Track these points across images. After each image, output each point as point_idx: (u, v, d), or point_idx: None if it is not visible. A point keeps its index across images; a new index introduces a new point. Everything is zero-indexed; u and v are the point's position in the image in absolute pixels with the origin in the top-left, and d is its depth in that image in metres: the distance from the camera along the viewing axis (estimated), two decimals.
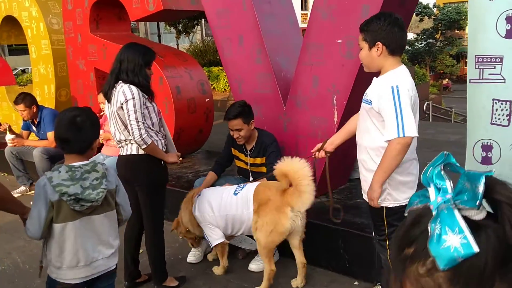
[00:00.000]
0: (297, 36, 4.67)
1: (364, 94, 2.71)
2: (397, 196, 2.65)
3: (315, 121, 4.01)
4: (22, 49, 24.51)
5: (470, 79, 3.18)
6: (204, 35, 32.99)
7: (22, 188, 6.00)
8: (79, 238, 2.28)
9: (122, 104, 3.06)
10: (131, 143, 3.19)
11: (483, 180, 0.72)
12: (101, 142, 5.30)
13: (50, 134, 5.74)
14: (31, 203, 5.31)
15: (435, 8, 31.70)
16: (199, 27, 29.32)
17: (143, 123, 3.09)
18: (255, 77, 4.35)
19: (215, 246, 3.59)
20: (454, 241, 0.70)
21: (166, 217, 3.63)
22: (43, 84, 6.82)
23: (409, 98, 2.43)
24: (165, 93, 5.15)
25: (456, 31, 33.21)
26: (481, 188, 0.71)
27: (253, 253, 3.87)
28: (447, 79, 31.53)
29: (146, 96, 3.17)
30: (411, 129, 2.38)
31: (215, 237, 3.55)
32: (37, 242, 4.49)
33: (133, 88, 3.07)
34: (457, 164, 0.81)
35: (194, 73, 5.53)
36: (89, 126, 2.32)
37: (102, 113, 5.33)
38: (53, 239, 2.28)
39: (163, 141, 3.32)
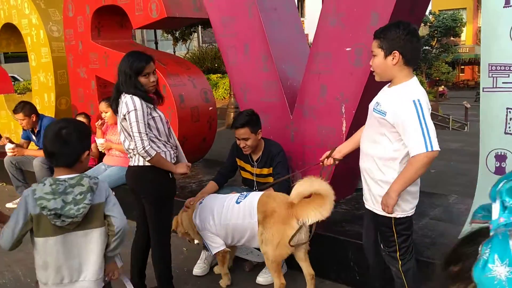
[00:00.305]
0: (303, 44, 4.62)
1: (375, 103, 2.65)
2: (405, 206, 2.63)
3: (323, 130, 3.95)
4: (18, 57, 24.45)
5: (483, 88, 3.14)
6: (201, 42, 33.01)
7: None
8: (62, 255, 2.21)
9: (125, 115, 3.01)
10: (138, 154, 3.12)
11: None
12: (102, 151, 5.22)
13: None
14: None
15: (431, 15, 31.84)
16: (196, 34, 29.35)
17: (147, 134, 3.01)
18: (261, 85, 4.29)
19: (216, 254, 3.52)
20: (500, 272, 0.64)
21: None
22: (43, 92, 6.74)
23: (428, 111, 2.42)
24: (168, 101, 5.07)
25: (452, 38, 33.38)
26: None
27: (261, 266, 3.79)
28: (443, 86, 31.62)
29: (152, 106, 3.10)
30: (437, 143, 2.37)
31: (215, 246, 3.47)
32: None
33: (136, 98, 2.99)
34: None
35: (197, 81, 5.47)
36: (76, 139, 2.23)
37: (98, 122, 5.26)
38: (38, 254, 2.23)
39: (172, 152, 3.23)
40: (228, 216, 3.37)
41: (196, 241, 3.80)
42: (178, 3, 5.07)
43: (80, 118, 5.52)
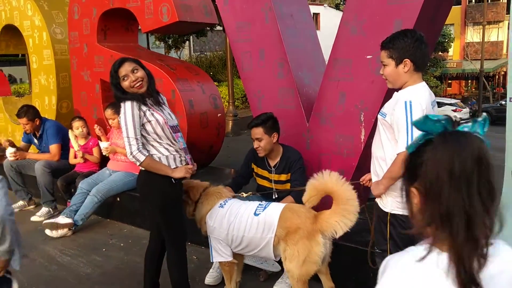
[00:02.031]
0: (317, 51, 4.57)
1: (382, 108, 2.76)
2: (401, 203, 2.59)
3: (340, 138, 3.89)
4: (6, 61, 24.05)
5: (510, 98, 3.12)
6: (192, 51, 32.95)
7: (21, 202, 5.75)
8: None
9: (119, 121, 3.01)
10: None
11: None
12: (107, 155, 5.10)
13: (53, 147, 5.53)
14: (31, 218, 5.05)
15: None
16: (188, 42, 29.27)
17: (136, 139, 2.93)
18: (276, 92, 4.23)
19: (221, 264, 3.41)
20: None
21: None
22: (44, 95, 6.59)
23: (421, 112, 2.45)
24: (177, 106, 4.99)
25: (440, 53, 33.79)
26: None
27: (276, 275, 3.70)
28: None
29: (149, 108, 3.00)
30: None
31: (221, 255, 3.33)
32: (41, 261, 4.29)
33: (127, 103, 2.94)
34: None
35: (206, 86, 5.39)
36: None
37: (96, 127, 5.15)
38: None
39: (177, 155, 3.13)
40: (246, 229, 3.22)
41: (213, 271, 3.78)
42: (189, 7, 5.00)
43: (76, 122, 5.41)
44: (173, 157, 3.09)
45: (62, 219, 4.80)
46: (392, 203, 2.72)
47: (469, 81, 38.47)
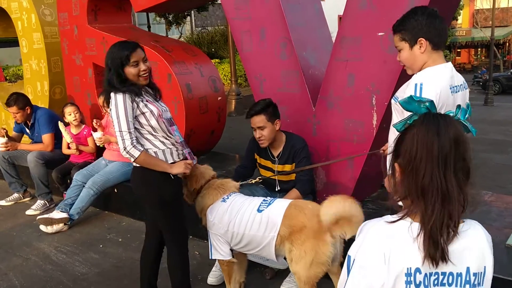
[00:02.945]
0: (323, 28, 4.22)
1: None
2: None
3: (349, 124, 3.58)
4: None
5: None
6: (194, 27, 32.32)
7: (15, 195, 5.51)
8: None
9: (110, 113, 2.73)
10: None
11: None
12: (101, 145, 4.82)
13: (46, 137, 5.26)
14: (26, 212, 4.78)
15: None
16: (189, 17, 28.65)
17: (129, 132, 2.66)
18: (279, 74, 3.90)
19: (219, 263, 3.18)
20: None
21: None
22: (36, 81, 6.28)
23: (434, 98, 2.19)
24: (174, 91, 4.67)
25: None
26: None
27: (283, 273, 3.46)
28: None
29: (143, 99, 2.74)
30: None
31: (219, 252, 3.09)
32: (36, 260, 4.07)
33: (117, 96, 2.67)
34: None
35: (205, 68, 5.05)
36: None
37: (94, 122, 4.84)
38: None
39: (174, 149, 2.87)
40: (247, 226, 2.95)
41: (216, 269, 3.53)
42: None
43: (68, 108, 5.12)
44: (169, 151, 2.84)
45: (56, 214, 4.56)
46: None
47: (479, 49, 37.65)
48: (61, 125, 5.05)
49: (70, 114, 5.09)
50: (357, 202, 2.57)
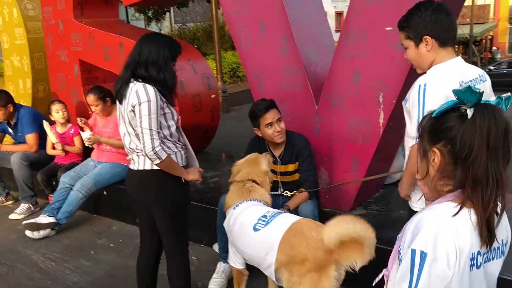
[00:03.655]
0: (323, 22, 4.07)
1: None
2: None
3: (354, 123, 3.44)
4: None
5: None
6: (173, 23, 31.97)
7: None
8: None
9: (134, 106, 2.47)
10: (144, 155, 2.57)
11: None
12: (90, 146, 4.60)
13: (30, 137, 5.02)
14: (9, 216, 4.52)
15: None
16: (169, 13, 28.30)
17: (158, 132, 2.48)
18: (280, 71, 3.74)
19: (232, 267, 3.04)
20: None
21: None
22: (17, 78, 6.01)
23: (438, 97, 2.06)
24: None
25: None
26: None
27: None
28: None
29: (165, 100, 2.55)
30: None
31: (233, 260, 2.97)
32: (23, 268, 3.84)
33: (149, 88, 2.47)
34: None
35: (198, 65, 4.87)
36: None
37: (80, 120, 4.62)
38: None
39: (183, 152, 2.71)
40: (245, 244, 2.78)
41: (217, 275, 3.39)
42: None
43: (55, 105, 4.89)
44: (180, 154, 2.68)
45: (43, 219, 4.32)
46: (422, 201, 2.32)
47: (456, 46, 38.13)
48: (46, 124, 4.81)
49: (57, 112, 4.85)
50: (368, 224, 2.33)
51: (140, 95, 2.45)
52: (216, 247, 3.67)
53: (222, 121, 7.36)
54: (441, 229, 1.23)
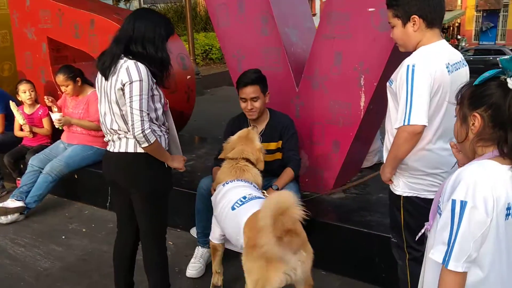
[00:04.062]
0: (304, 4, 4.01)
1: None
2: (412, 184, 2.31)
3: (335, 105, 3.40)
4: None
5: None
6: (142, 3, 31.21)
7: None
8: None
9: (124, 85, 2.32)
10: (128, 137, 2.45)
11: None
12: (60, 127, 4.43)
13: None
14: None
15: None
16: None
17: (148, 114, 2.36)
18: (259, 52, 3.66)
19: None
20: None
21: None
22: None
23: (427, 79, 2.08)
24: None
25: None
26: None
27: None
28: None
29: (154, 80, 2.42)
30: (418, 116, 2.07)
31: (212, 233, 2.93)
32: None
33: (142, 66, 2.33)
34: None
35: (173, 45, 4.62)
36: None
37: (48, 98, 4.43)
38: None
39: (166, 136, 2.60)
40: (225, 221, 2.74)
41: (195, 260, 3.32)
42: None
43: (22, 85, 4.69)
44: (164, 138, 2.56)
45: (11, 203, 4.15)
46: (404, 184, 2.33)
47: None
48: (13, 105, 4.60)
49: (24, 92, 4.64)
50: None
51: (132, 73, 2.31)
52: (193, 231, 3.59)
53: (195, 103, 7.24)
54: (479, 180, 1.36)
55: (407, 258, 2.42)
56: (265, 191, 2.99)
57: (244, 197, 2.66)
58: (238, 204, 2.64)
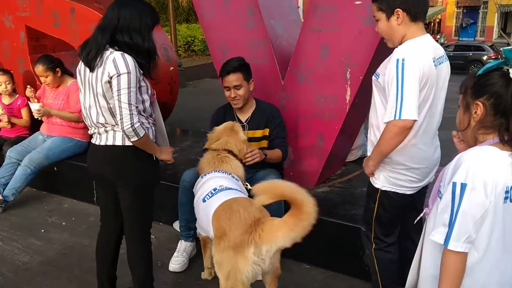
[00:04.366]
0: None
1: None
2: (393, 179, 2.35)
3: (321, 99, 3.39)
4: None
5: None
6: None
7: None
8: None
9: (111, 78, 2.25)
10: (115, 130, 2.39)
11: None
12: (39, 118, 4.33)
13: None
14: None
15: None
16: None
17: (137, 107, 2.31)
18: (245, 44, 3.61)
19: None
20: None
21: None
22: None
23: (416, 73, 2.10)
24: None
25: None
26: None
27: None
28: None
29: (141, 72, 2.36)
30: (409, 111, 2.06)
31: (198, 227, 2.91)
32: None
33: (129, 58, 2.27)
34: None
35: (156, 35, 4.51)
36: None
37: (28, 90, 4.31)
38: None
39: (153, 128, 2.54)
40: (198, 212, 2.76)
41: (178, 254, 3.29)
42: None
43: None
44: (152, 130, 2.50)
45: None
46: (384, 178, 2.37)
47: None
48: None
49: (0, 84, 4.53)
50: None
51: (119, 65, 2.24)
52: (176, 225, 3.55)
53: (177, 95, 7.16)
54: (479, 163, 1.42)
55: (373, 248, 2.52)
56: (248, 184, 2.97)
57: (215, 189, 2.65)
58: (209, 196, 2.63)
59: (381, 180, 2.38)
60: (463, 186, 1.40)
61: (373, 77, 2.38)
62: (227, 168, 2.85)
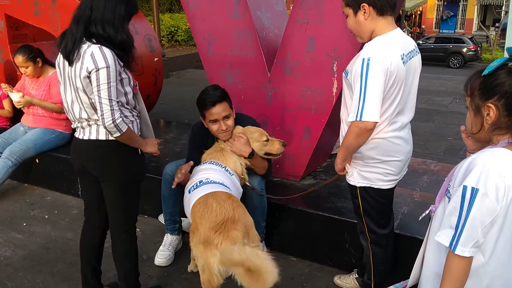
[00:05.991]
0: None
1: None
2: (367, 174, 2.38)
3: (308, 91, 3.37)
4: None
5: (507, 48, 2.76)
6: None
7: None
8: None
9: (90, 72, 2.19)
10: (99, 124, 2.34)
11: None
12: (21, 109, 4.23)
13: None
14: None
15: None
16: None
17: (118, 102, 2.25)
18: (231, 35, 3.57)
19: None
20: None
21: None
22: None
23: (381, 73, 2.08)
24: None
25: None
26: None
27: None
28: None
29: (122, 64, 2.31)
30: (370, 113, 2.07)
31: (186, 220, 2.91)
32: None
33: (107, 51, 2.20)
34: None
35: (140, 25, 4.55)
36: None
37: (4, 86, 4.21)
38: None
39: (138, 121, 2.50)
40: (184, 202, 2.75)
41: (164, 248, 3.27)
42: None
43: None
44: (136, 123, 2.45)
45: None
46: (358, 175, 2.41)
47: None
48: None
49: None
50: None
51: (97, 59, 2.17)
52: (161, 218, 3.52)
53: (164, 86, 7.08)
54: (492, 167, 1.36)
55: (369, 242, 2.54)
56: (248, 183, 2.93)
57: (201, 181, 2.64)
58: (193, 188, 2.63)
59: (355, 177, 2.42)
60: (474, 191, 1.36)
61: (343, 74, 2.39)
62: (222, 161, 2.81)
